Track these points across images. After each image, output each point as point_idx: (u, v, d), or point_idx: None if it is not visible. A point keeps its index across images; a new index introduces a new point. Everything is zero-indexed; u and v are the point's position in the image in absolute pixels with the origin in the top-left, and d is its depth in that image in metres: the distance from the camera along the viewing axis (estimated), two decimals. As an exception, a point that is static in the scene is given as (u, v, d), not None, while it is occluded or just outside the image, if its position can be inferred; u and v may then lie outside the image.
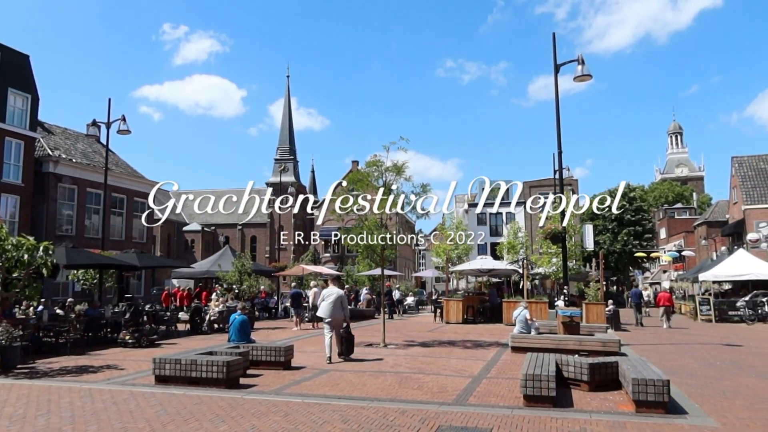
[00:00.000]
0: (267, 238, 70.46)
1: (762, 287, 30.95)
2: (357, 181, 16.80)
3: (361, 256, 18.38)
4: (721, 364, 13.13)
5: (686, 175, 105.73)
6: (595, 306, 22.25)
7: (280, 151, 73.87)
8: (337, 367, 11.87)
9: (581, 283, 31.56)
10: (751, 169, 46.46)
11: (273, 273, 35.00)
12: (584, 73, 16.75)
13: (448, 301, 25.86)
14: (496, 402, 8.59)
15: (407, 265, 62.90)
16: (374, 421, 7.34)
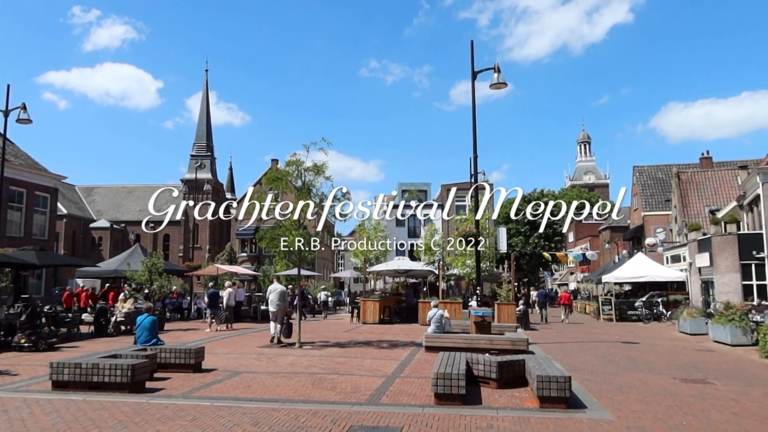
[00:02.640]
0: (181, 237, 68.16)
1: (657, 288, 33.15)
2: (275, 180, 16.57)
3: (279, 257, 18.11)
4: (619, 361, 13.94)
5: (593, 182, 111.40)
6: (506, 306, 23.03)
7: (196, 147, 71.69)
8: (250, 369, 11.66)
9: (494, 284, 32.58)
10: (650, 178, 49.65)
11: (186, 273, 33.89)
12: (500, 81, 17.34)
13: (365, 301, 26.00)
14: (408, 401, 8.71)
15: (326, 265, 62.68)
16: (285, 423, 7.27)
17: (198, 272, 32.52)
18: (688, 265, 32.21)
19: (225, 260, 46.88)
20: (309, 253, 17.72)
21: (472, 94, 17.66)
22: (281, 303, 16.32)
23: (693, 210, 39.57)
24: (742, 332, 17.78)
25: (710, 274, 28.36)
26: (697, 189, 41.08)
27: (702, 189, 41.09)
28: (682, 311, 24.19)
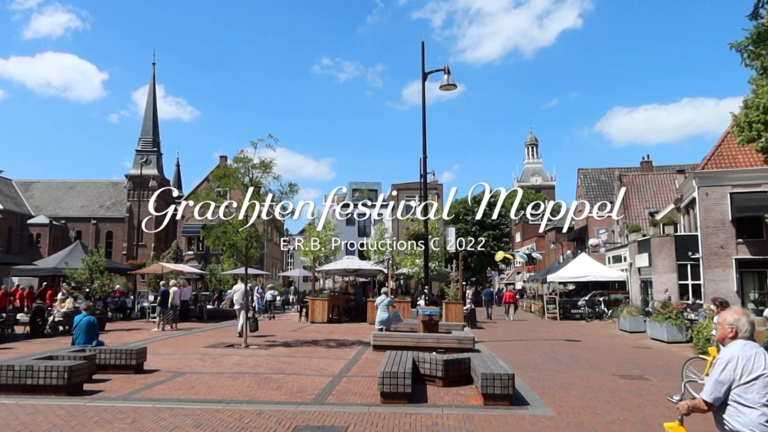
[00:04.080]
0: (125, 234, 66.17)
1: (600, 288, 34.23)
2: (223, 177, 16.29)
3: (226, 255, 17.80)
4: (562, 358, 14.32)
5: (540, 183, 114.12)
6: (454, 305, 23.34)
7: (142, 141, 69.69)
8: (194, 369, 11.42)
9: (442, 284, 32.93)
10: (594, 180, 51.24)
11: (129, 271, 32.90)
12: (450, 82, 17.51)
13: (314, 300, 25.84)
14: (354, 400, 8.71)
15: (275, 264, 62.01)
16: (229, 424, 7.15)
17: (142, 271, 31.63)
18: (629, 265, 33.39)
19: (171, 258, 45.70)
20: (256, 251, 17.48)
21: (422, 95, 17.78)
22: (243, 302, 17.48)
23: (634, 212, 41.02)
24: (677, 330, 18.54)
25: (649, 273, 29.47)
26: (638, 192, 42.61)
27: (642, 192, 42.65)
28: (622, 310, 25.06)
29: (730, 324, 3.87)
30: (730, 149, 26.35)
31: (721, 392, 3.67)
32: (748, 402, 3.58)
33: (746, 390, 3.60)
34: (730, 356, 3.71)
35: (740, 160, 26.08)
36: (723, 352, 3.82)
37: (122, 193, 67.61)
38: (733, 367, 3.66)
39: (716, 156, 26.83)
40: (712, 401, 3.69)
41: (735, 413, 3.63)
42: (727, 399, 3.67)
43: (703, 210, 26.34)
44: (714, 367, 3.78)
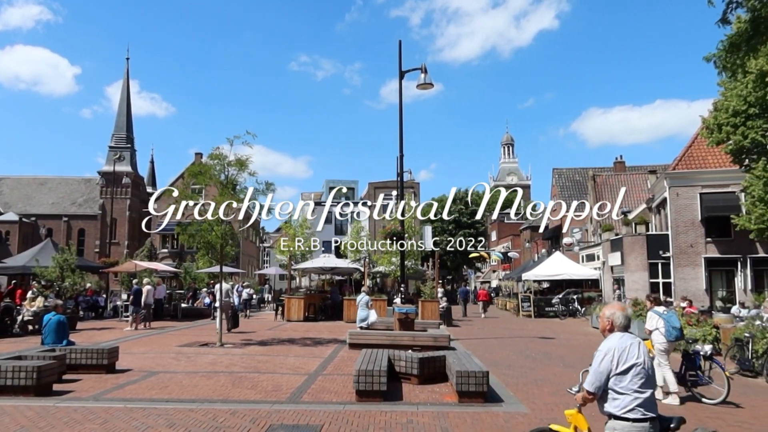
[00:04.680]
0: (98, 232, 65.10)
1: (573, 286, 34.67)
2: (198, 174, 16.14)
3: (201, 253, 17.63)
4: (536, 356, 14.48)
5: (515, 183, 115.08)
6: (430, 303, 23.43)
7: (115, 138, 68.57)
8: (167, 369, 11.29)
9: (419, 282, 33.06)
10: (568, 180, 51.86)
11: (101, 269, 32.40)
12: (427, 81, 17.58)
13: (290, 298, 25.73)
14: (330, 398, 8.70)
15: (251, 262, 61.58)
16: (203, 424, 7.09)
17: (115, 269, 31.16)
18: (602, 264, 33.88)
19: (144, 256, 45.05)
20: (232, 249, 17.35)
21: (399, 94, 17.85)
22: (227, 299, 18.99)
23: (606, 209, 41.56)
24: (648, 327, 18.83)
25: (621, 272, 29.94)
26: (611, 191, 43.20)
27: (615, 191, 43.23)
28: (595, 308, 25.42)
29: (608, 318, 4.15)
30: (700, 150, 26.89)
31: (602, 381, 3.95)
32: (623, 389, 3.88)
33: (621, 378, 3.89)
34: (608, 348, 3.99)
35: (710, 161, 26.63)
36: (602, 344, 4.08)
37: (95, 190, 66.50)
38: (610, 358, 3.94)
39: (687, 157, 27.36)
40: (594, 390, 3.97)
41: (611, 399, 3.94)
42: (607, 387, 3.95)
43: (673, 210, 26.84)
44: (594, 359, 4.04)
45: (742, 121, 18.46)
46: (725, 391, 8.92)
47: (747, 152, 19.30)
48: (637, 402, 3.86)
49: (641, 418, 3.85)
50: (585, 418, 4.48)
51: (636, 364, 3.91)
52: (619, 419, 3.90)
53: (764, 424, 7.78)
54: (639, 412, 3.85)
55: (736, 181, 23.28)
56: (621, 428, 3.89)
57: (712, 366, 9.35)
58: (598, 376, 3.97)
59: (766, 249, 25.22)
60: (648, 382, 3.95)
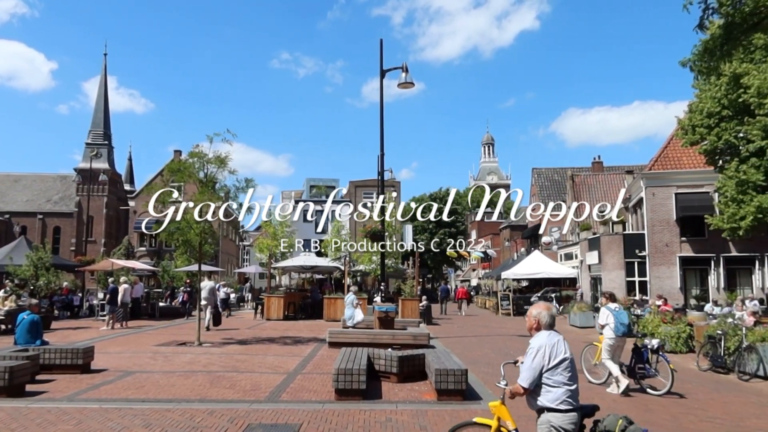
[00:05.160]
0: (74, 230, 64.08)
1: (552, 284, 34.99)
2: (177, 172, 15.98)
3: (179, 251, 17.48)
4: (514, 354, 14.57)
5: (495, 182, 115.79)
6: (410, 302, 23.49)
7: (92, 134, 67.49)
8: (144, 368, 11.18)
9: (399, 280, 33.13)
10: (547, 179, 52.31)
11: (77, 268, 31.94)
12: (408, 80, 17.61)
13: (270, 297, 25.61)
14: (309, 397, 8.69)
15: (230, 260, 61.14)
16: (180, 424, 7.04)
17: (91, 267, 30.73)
18: (579, 263, 34.24)
19: (122, 255, 44.47)
20: (211, 247, 17.22)
21: (380, 93, 17.86)
22: (210, 297, 19.61)
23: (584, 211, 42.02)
24: (624, 325, 19.08)
25: (599, 271, 30.29)
26: (589, 191, 43.71)
27: (593, 191, 43.77)
28: (572, 306, 25.69)
29: (534, 317, 4.43)
30: (676, 151, 27.32)
31: (536, 376, 4.21)
32: (555, 383, 4.17)
33: (553, 372, 4.17)
34: (539, 345, 4.26)
35: (685, 162, 27.07)
36: (532, 342, 4.34)
37: (71, 187, 65.41)
38: (542, 354, 4.21)
39: (662, 158, 27.77)
40: (528, 386, 4.23)
41: (545, 392, 4.20)
42: (540, 381, 4.21)
43: (649, 209, 27.24)
44: (527, 356, 4.30)
45: (715, 122, 18.80)
46: (669, 383, 9.38)
47: (720, 153, 19.66)
48: (567, 394, 4.15)
49: (571, 408, 4.15)
50: (508, 409, 4.68)
51: (565, 359, 4.19)
52: (552, 411, 4.15)
53: (735, 420, 7.94)
54: (569, 403, 4.14)
55: (710, 181, 23.69)
56: (555, 419, 4.14)
57: (659, 359, 9.81)
58: (533, 371, 4.21)
59: (739, 248, 25.71)
60: (574, 375, 4.27)
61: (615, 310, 9.93)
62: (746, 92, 17.10)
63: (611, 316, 9.86)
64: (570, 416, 4.16)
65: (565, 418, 4.14)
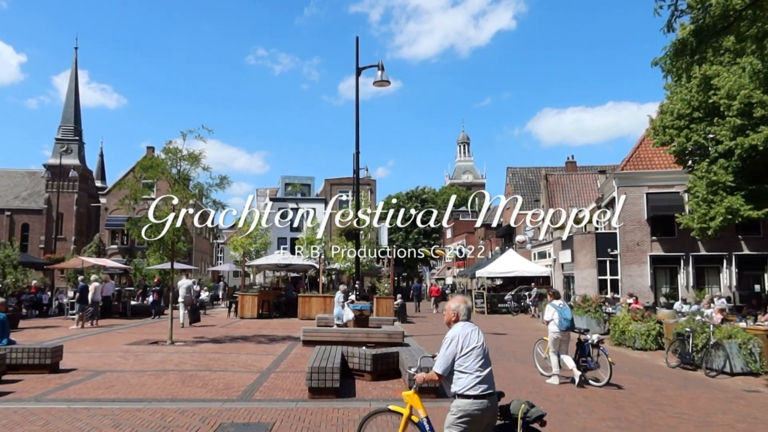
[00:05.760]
0: (43, 227, 62.78)
1: (525, 282, 35.32)
2: (149, 168, 15.76)
3: (151, 249, 17.24)
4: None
5: (471, 181, 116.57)
6: (385, 300, 23.51)
7: (63, 129, 66.16)
8: (114, 368, 11.00)
9: (374, 279, 33.11)
10: (522, 179, 52.81)
11: (47, 266, 31.30)
12: (383, 78, 17.58)
13: (243, 295, 25.40)
14: (282, 396, 8.64)
15: (204, 258, 60.49)
16: (150, 424, 6.94)
17: (60, 265, 30.14)
18: (553, 261, 34.63)
19: (93, 252, 43.70)
20: (184, 245, 17.01)
21: (356, 91, 17.79)
22: (188, 295, 20.39)
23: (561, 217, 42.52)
24: (596, 323, 19.39)
25: (571, 269, 30.68)
26: (563, 190, 44.24)
27: (567, 191, 44.31)
28: (545, 304, 25.93)
29: (453, 310, 4.71)
30: (647, 152, 27.78)
31: (449, 364, 4.44)
32: (467, 369, 4.39)
33: (465, 360, 4.41)
34: (453, 335, 4.52)
35: (656, 162, 27.54)
36: (448, 332, 4.59)
37: (40, 183, 64.03)
38: (455, 343, 4.46)
39: (634, 158, 28.22)
40: (442, 372, 4.47)
41: (457, 379, 4.43)
42: (453, 369, 4.44)
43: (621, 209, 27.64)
44: (442, 346, 4.53)
45: (686, 123, 19.16)
46: (608, 375, 9.97)
47: (690, 154, 20.06)
48: (478, 380, 4.37)
49: (481, 394, 4.35)
50: (420, 398, 4.88)
51: (476, 347, 4.45)
52: (462, 397, 4.37)
53: (702, 415, 8.10)
54: (479, 390, 4.35)
55: (681, 181, 24.14)
56: (464, 405, 4.34)
57: (599, 353, 10.31)
58: (446, 359, 4.45)
59: (707, 247, 26.26)
60: (487, 362, 4.49)
61: (559, 307, 10.47)
62: (716, 94, 17.45)
63: (556, 312, 10.39)
64: (479, 402, 4.34)
65: (475, 404, 4.33)
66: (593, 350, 10.34)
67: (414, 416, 4.94)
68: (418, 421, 4.90)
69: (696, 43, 9.32)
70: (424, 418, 4.81)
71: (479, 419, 4.35)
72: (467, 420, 4.32)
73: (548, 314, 10.61)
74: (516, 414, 4.55)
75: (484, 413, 4.35)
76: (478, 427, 4.38)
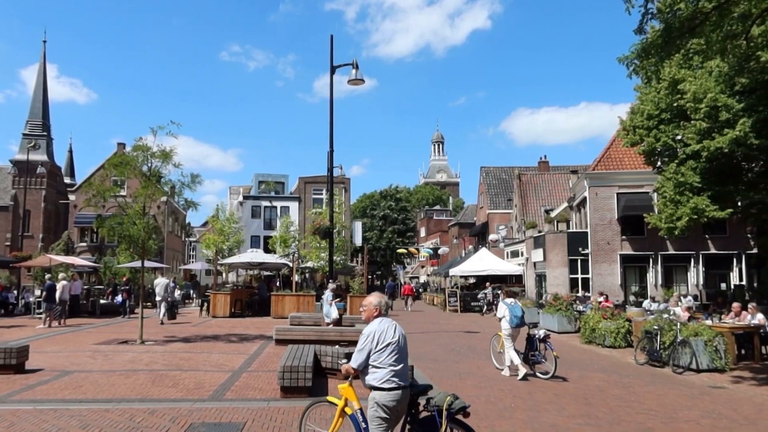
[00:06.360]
0: (9, 224, 61.31)
1: (498, 281, 35.60)
2: (119, 165, 15.51)
3: (122, 247, 16.95)
4: (460, 349, 14.80)
5: (445, 180, 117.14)
6: (359, 298, 23.46)
7: (30, 124, 64.64)
8: (82, 368, 10.80)
9: (348, 277, 33.09)
10: (495, 178, 53.20)
11: (12, 264, 30.57)
12: (358, 77, 17.58)
13: (216, 294, 25.13)
14: (254, 395, 8.58)
15: (176, 257, 59.69)
16: (119, 424, 6.83)
17: (27, 263, 29.46)
18: (525, 260, 35.00)
19: (61, 250, 42.80)
20: (155, 243, 16.77)
21: (330, 89, 17.78)
22: (165, 293, 21.25)
23: (531, 209, 43.02)
24: (567, 321, 19.66)
25: (543, 268, 31.04)
26: (535, 190, 44.73)
27: (539, 190, 44.81)
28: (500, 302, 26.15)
29: (375, 306, 4.89)
30: (618, 152, 28.23)
31: (364, 358, 4.66)
32: (381, 364, 4.60)
33: (380, 354, 4.61)
34: (371, 331, 4.73)
35: (626, 163, 28.01)
36: (366, 328, 4.80)
37: (6, 179, 62.50)
38: (371, 339, 4.66)
39: (605, 158, 28.66)
40: (357, 366, 4.71)
41: (372, 372, 4.64)
42: (368, 362, 4.64)
43: (592, 208, 28.07)
44: (359, 340, 4.74)
45: (655, 124, 19.48)
46: (553, 368, 10.53)
47: (659, 154, 20.40)
48: (392, 374, 4.57)
49: (394, 387, 4.56)
50: (354, 390, 5.03)
51: (392, 343, 4.65)
52: (377, 389, 4.58)
53: (669, 411, 8.27)
54: (393, 383, 4.56)
55: (650, 182, 24.58)
56: (379, 397, 4.55)
57: (546, 348, 10.86)
58: (362, 354, 4.67)
59: (675, 247, 26.81)
60: (401, 357, 4.70)
61: (511, 305, 11.08)
62: (683, 97, 17.79)
63: (507, 309, 10.98)
64: (393, 394, 4.55)
65: (388, 396, 4.54)
66: (540, 345, 10.88)
67: (348, 408, 5.11)
68: (351, 413, 5.08)
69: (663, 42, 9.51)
70: (358, 410, 4.96)
71: (393, 410, 4.57)
72: (384, 410, 4.54)
73: (500, 312, 11.20)
74: (441, 405, 4.69)
75: (397, 404, 4.57)
76: (395, 416, 4.63)
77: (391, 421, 4.62)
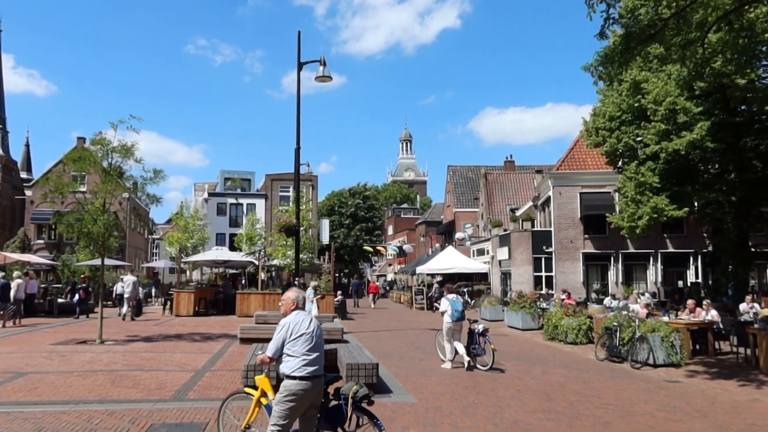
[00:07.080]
0: (-39, 220, 59.25)
1: (465, 279, 35.95)
2: (78, 160, 15.15)
3: (81, 244, 16.53)
4: (426, 347, 14.87)
5: (412, 178, 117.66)
6: (325, 296, 23.38)
7: (-16, 117, 62.66)
8: (38, 369, 10.50)
9: (314, 275, 32.93)
10: (462, 177, 53.64)
11: (-35, 262, 29.53)
12: (325, 74, 17.48)
13: (179, 293, 24.73)
14: (217, 395, 8.47)
15: (138, 254, 58.54)
16: (76, 426, 6.67)
17: (-19, 261, 28.50)
18: (491, 258, 35.38)
19: (17, 248, 41.53)
20: (116, 240, 16.39)
21: (297, 86, 17.63)
22: (134, 291, 21.78)
23: (497, 208, 43.52)
24: (531, 318, 19.95)
25: (509, 266, 31.42)
26: (501, 189, 45.24)
27: (505, 189, 45.34)
28: (483, 300, 26.49)
29: (293, 300, 5.15)
30: (581, 153, 28.77)
31: (279, 347, 4.91)
32: (294, 353, 4.85)
33: (294, 344, 4.87)
34: (286, 322, 4.99)
35: (589, 163, 28.55)
36: (283, 320, 5.03)
37: None
38: (286, 329, 4.93)
39: (569, 158, 29.16)
40: (272, 355, 4.93)
41: (285, 361, 4.89)
42: (283, 351, 4.89)
43: (556, 208, 28.54)
44: (275, 331, 4.99)
45: (616, 125, 19.91)
46: (491, 360, 11.24)
47: (620, 155, 20.86)
48: (304, 363, 4.82)
49: (306, 376, 4.79)
50: (269, 381, 5.31)
51: (305, 333, 4.91)
52: (289, 378, 4.80)
53: (626, 405, 8.46)
54: (305, 371, 4.79)
55: (612, 182, 25.11)
56: (290, 385, 4.77)
57: (485, 341, 11.50)
58: (276, 343, 4.91)
59: (636, 245, 27.45)
60: (315, 347, 4.94)
61: (452, 300, 11.63)
62: (644, 98, 18.22)
63: (449, 304, 11.55)
64: (303, 383, 4.78)
65: (299, 385, 4.76)
66: (480, 338, 11.52)
67: (263, 398, 5.32)
68: (266, 403, 5.27)
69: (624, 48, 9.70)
70: (272, 400, 5.05)
71: (303, 398, 4.79)
72: (293, 398, 4.75)
73: (443, 306, 11.76)
74: (347, 394, 4.88)
75: (307, 393, 4.80)
76: (303, 404, 4.82)
77: (296, 409, 4.80)
